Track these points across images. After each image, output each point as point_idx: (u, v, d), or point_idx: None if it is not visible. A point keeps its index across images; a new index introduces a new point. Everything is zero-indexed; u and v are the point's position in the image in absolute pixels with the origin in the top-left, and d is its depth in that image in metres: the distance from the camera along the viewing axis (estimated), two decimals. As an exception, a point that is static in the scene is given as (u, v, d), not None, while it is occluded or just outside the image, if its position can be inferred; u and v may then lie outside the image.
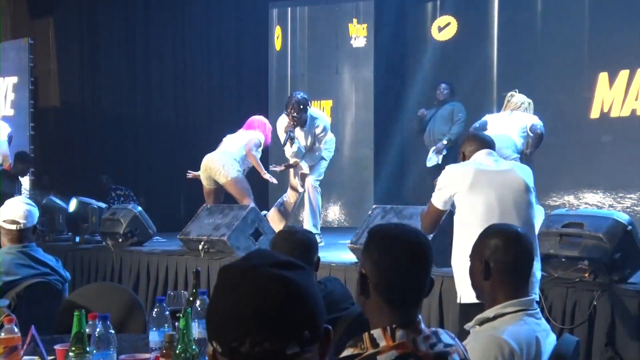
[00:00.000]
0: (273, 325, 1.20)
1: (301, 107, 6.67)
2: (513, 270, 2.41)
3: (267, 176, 6.86)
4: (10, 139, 8.44)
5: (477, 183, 3.65)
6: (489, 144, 3.89)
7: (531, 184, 3.76)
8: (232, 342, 1.21)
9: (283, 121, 6.82)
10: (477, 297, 2.52)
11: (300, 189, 7.08)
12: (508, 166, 3.86)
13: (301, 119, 6.71)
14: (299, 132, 6.83)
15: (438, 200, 3.78)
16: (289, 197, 7.19)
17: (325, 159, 7.02)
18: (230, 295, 1.24)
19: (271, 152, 8.77)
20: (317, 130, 6.85)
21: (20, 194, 8.24)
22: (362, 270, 1.92)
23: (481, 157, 3.78)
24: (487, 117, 6.28)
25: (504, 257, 2.41)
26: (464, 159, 3.88)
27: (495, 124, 6.01)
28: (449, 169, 3.81)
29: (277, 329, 1.21)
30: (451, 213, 3.92)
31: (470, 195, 3.64)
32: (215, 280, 1.30)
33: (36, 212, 3.94)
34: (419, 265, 1.92)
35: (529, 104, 6.25)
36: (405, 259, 1.90)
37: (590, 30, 8.66)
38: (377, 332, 1.82)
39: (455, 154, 6.77)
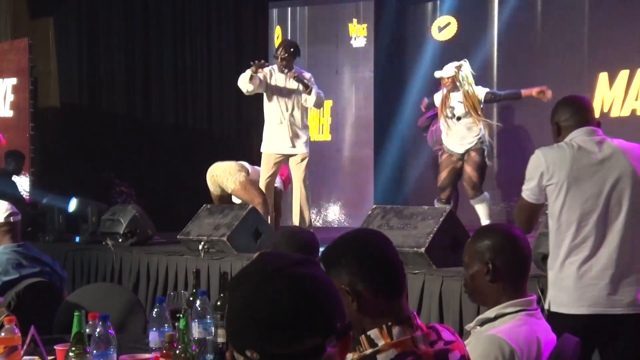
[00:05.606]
0: (312, 321, 1.22)
1: (292, 49, 6.60)
2: (514, 270, 2.42)
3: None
4: None
5: (573, 173, 3.01)
6: (591, 118, 3.15)
7: None
8: (275, 345, 1.21)
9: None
10: (477, 301, 2.51)
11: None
12: (611, 149, 3.05)
13: (290, 62, 6.56)
14: (278, 75, 6.61)
15: (527, 192, 3.15)
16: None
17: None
18: (260, 300, 1.23)
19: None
20: (307, 76, 6.65)
21: (17, 191, 8.25)
22: (343, 287, 1.82)
23: (581, 137, 3.07)
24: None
25: (505, 258, 2.41)
26: (558, 132, 3.19)
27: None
28: (539, 153, 3.10)
29: (316, 323, 1.22)
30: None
31: (564, 190, 3.02)
32: (232, 289, 1.27)
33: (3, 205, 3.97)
34: (395, 259, 1.92)
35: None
36: (382, 261, 1.89)
37: (590, 30, 8.65)
38: (373, 333, 1.82)
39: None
